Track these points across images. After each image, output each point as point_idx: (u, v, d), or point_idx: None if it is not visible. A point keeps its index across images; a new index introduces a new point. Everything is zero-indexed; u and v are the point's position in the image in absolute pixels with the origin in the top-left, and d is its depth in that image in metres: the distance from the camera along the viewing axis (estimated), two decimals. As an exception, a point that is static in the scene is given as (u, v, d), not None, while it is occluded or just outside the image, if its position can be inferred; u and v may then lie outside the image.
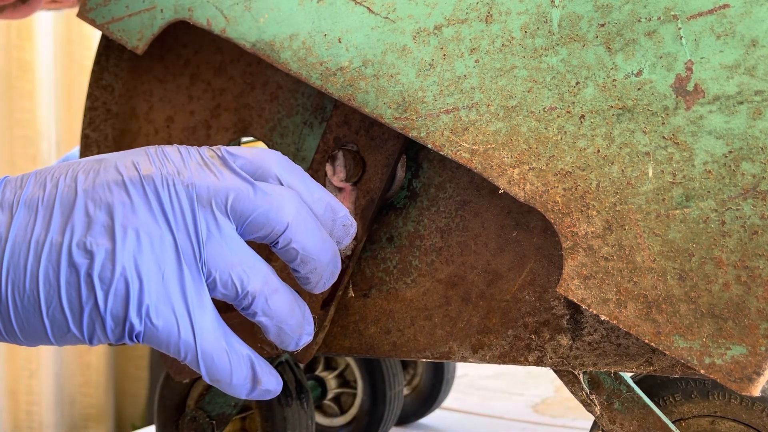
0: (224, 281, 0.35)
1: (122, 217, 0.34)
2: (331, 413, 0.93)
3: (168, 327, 0.34)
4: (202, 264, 0.35)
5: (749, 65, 0.37)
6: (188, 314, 0.34)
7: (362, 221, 0.53)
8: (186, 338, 0.34)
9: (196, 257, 0.35)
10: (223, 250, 0.35)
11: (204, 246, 0.35)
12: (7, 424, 1.31)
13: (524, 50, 0.42)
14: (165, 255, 0.34)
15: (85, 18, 0.57)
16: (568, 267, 0.41)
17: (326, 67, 0.47)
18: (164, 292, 0.34)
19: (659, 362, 0.45)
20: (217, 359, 0.35)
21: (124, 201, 0.34)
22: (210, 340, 0.35)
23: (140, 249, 0.34)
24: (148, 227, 0.34)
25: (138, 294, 0.33)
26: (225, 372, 0.36)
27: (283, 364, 0.70)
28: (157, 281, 0.34)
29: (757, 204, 0.37)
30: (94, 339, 0.35)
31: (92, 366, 1.38)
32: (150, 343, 0.35)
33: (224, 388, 0.37)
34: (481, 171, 0.43)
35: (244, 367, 0.37)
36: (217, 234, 0.35)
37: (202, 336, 0.35)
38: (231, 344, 0.36)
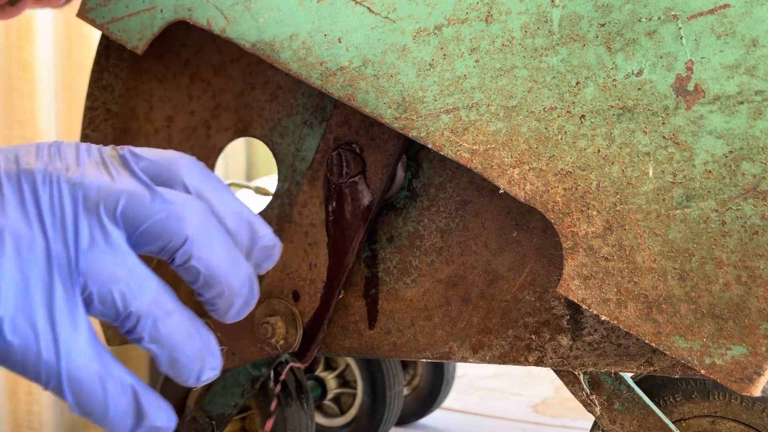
0: (103, 297, 0.31)
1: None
2: (331, 413, 0.93)
3: (25, 344, 0.29)
4: (79, 275, 0.30)
5: (750, 65, 0.37)
6: (52, 331, 0.29)
7: (362, 221, 0.53)
8: (47, 359, 0.29)
9: (72, 266, 0.30)
10: (106, 262, 0.31)
11: (83, 255, 0.30)
12: (7, 424, 1.31)
13: (524, 50, 0.42)
14: (32, 261, 0.30)
15: (85, 18, 0.57)
16: (569, 267, 0.41)
17: (326, 67, 0.47)
18: (24, 304, 0.29)
19: (659, 362, 0.45)
20: (87, 386, 0.30)
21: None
22: (79, 363, 0.30)
23: (2, 251, 0.29)
24: (16, 228, 0.30)
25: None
26: (98, 403, 0.30)
27: (283, 364, 0.70)
28: (16, 290, 0.29)
29: (757, 204, 0.37)
30: None
31: (92, 366, 1.38)
32: (3, 364, 0.30)
33: (99, 422, 0.31)
34: (482, 171, 0.43)
35: (124, 399, 0.31)
36: (102, 242, 0.31)
37: (69, 358, 0.30)
38: (108, 370, 0.31)
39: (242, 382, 0.65)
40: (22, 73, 1.30)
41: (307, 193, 0.55)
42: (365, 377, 0.89)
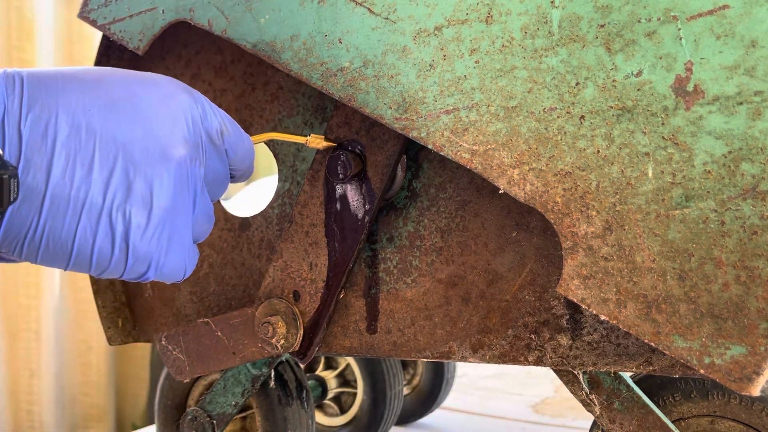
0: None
1: (158, 197, 0.39)
2: (332, 413, 0.93)
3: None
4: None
5: (749, 66, 0.37)
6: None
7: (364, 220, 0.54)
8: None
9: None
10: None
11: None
12: (8, 424, 1.31)
13: (524, 51, 0.42)
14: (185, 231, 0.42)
15: (86, 19, 0.57)
16: (568, 267, 0.42)
17: (327, 68, 0.47)
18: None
19: (659, 362, 0.45)
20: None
21: (162, 181, 0.39)
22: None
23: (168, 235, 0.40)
24: (185, 210, 0.41)
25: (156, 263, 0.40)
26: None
27: (284, 364, 0.70)
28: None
29: (756, 204, 0.37)
30: (105, 274, 0.40)
31: (93, 366, 1.38)
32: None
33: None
34: (481, 171, 0.43)
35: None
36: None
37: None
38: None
39: (243, 381, 0.65)
40: (22, 74, 1.31)
41: (307, 193, 0.55)
42: (365, 377, 0.89)
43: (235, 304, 0.63)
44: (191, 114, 0.41)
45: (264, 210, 0.61)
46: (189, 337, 0.60)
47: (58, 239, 0.37)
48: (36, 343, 1.31)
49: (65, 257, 0.38)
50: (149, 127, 0.39)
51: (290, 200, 0.60)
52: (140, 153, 0.39)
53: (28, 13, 1.30)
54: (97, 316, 1.28)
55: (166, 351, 0.62)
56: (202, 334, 0.60)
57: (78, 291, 1.35)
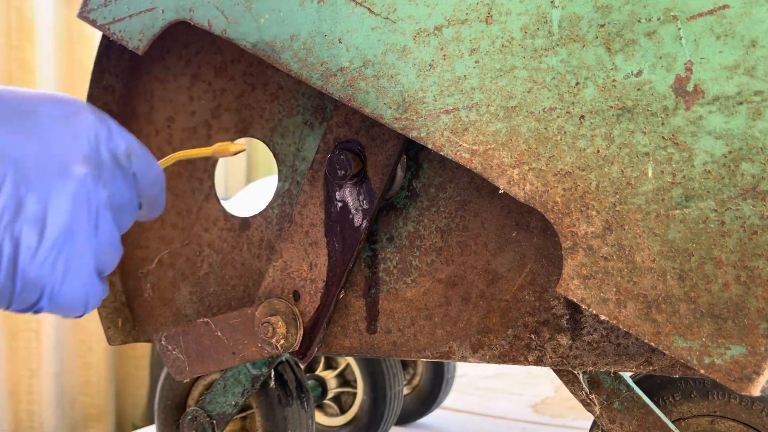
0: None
1: (54, 216, 0.36)
2: (332, 413, 0.93)
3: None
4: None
5: (749, 66, 0.37)
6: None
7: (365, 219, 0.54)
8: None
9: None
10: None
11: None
12: (8, 424, 1.31)
13: (524, 51, 0.42)
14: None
15: (86, 19, 0.57)
16: (568, 267, 0.42)
17: (327, 68, 0.47)
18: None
19: (659, 362, 0.45)
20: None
21: (58, 199, 0.36)
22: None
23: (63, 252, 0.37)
24: (84, 234, 0.38)
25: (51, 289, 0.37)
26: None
27: (284, 364, 0.70)
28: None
29: (756, 204, 0.37)
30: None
31: (93, 366, 1.38)
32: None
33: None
34: (481, 171, 0.43)
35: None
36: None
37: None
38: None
39: (243, 381, 0.65)
40: (22, 73, 1.31)
41: (307, 193, 0.55)
42: (365, 377, 0.89)
43: (235, 304, 0.63)
44: (95, 132, 0.39)
45: (264, 210, 0.61)
46: (189, 337, 0.60)
47: None
48: (36, 343, 1.31)
49: None
50: (46, 143, 0.37)
51: (290, 200, 0.60)
52: (34, 169, 0.36)
53: (28, 13, 1.30)
54: (97, 316, 1.28)
55: (166, 351, 0.62)
56: (202, 334, 0.60)
57: (78, 291, 1.34)
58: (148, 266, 0.67)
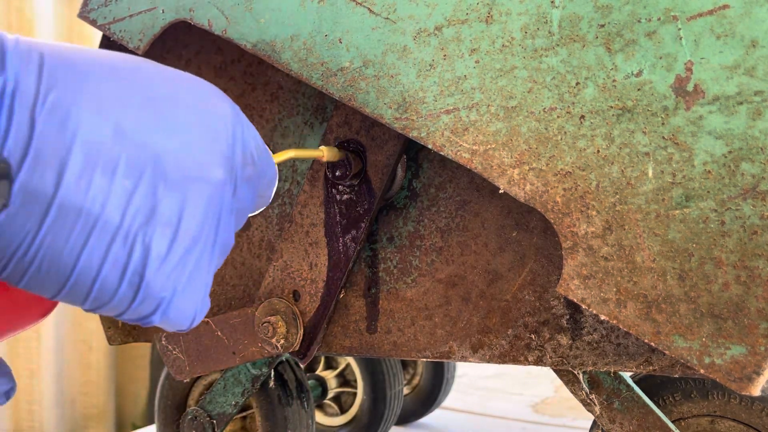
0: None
1: (187, 224, 0.32)
2: (332, 412, 0.93)
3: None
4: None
5: (749, 66, 0.37)
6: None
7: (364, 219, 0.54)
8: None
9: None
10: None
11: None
12: (8, 424, 1.31)
13: (524, 51, 0.42)
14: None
15: (86, 18, 0.57)
16: (568, 267, 0.42)
17: (327, 68, 0.47)
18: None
19: (659, 362, 0.45)
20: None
21: (194, 205, 0.33)
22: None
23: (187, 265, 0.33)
24: (208, 243, 0.34)
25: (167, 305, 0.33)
26: None
27: (284, 364, 0.70)
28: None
29: (756, 204, 0.37)
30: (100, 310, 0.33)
31: (93, 366, 1.38)
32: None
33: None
34: (482, 171, 0.43)
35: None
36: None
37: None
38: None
39: (243, 381, 0.65)
40: (22, 73, 1.31)
41: (307, 193, 0.55)
42: (365, 376, 0.89)
43: (235, 304, 0.63)
44: (232, 129, 0.35)
45: (264, 210, 0.61)
46: (189, 337, 0.60)
47: (57, 261, 0.30)
48: (36, 343, 1.31)
49: (58, 284, 0.30)
50: (188, 140, 0.33)
51: (290, 200, 0.60)
52: (174, 169, 0.32)
53: (28, 14, 1.30)
54: (96, 316, 1.28)
55: (166, 351, 0.62)
56: (202, 334, 0.60)
57: (78, 291, 1.35)
58: None
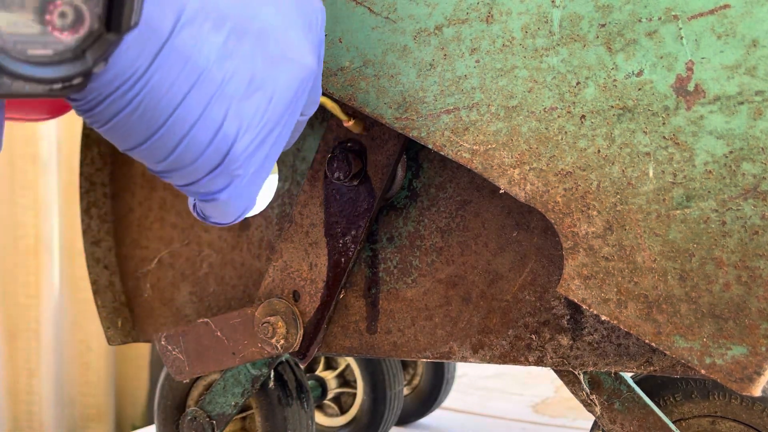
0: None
1: (276, 105, 0.32)
2: (332, 413, 0.93)
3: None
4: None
5: (750, 65, 0.37)
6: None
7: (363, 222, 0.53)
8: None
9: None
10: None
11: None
12: (7, 424, 1.31)
13: (525, 50, 0.42)
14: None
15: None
16: (569, 267, 0.41)
17: (327, 67, 0.47)
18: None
19: (660, 362, 0.45)
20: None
21: (286, 87, 0.33)
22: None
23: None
24: (282, 134, 0.34)
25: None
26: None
27: (284, 364, 0.70)
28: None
29: (757, 204, 0.37)
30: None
31: (92, 366, 1.38)
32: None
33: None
34: (482, 171, 0.43)
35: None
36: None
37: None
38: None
39: (242, 381, 0.65)
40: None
41: (307, 193, 0.55)
42: (365, 377, 0.89)
43: (235, 304, 0.63)
44: (322, 27, 0.34)
45: (264, 210, 0.61)
46: (189, 338, 0.60)
47: (156, 103, 0.28)
48: (35, 343, 1.31)
49: (150, 129, 0.29)
50: (290, 22, 0.32)
51: (290, 200, 0.60)
52: (274, 44, 0.31)
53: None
54: (96, 317, 1.28)
55: (166, 351, 0.62)
56: (202, 334, 0.60)
57: (78, 291, 1.35)
58: (147, 266, 0.67)
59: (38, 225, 1.24)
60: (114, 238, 0.69)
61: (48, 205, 1.24)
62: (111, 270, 0.69)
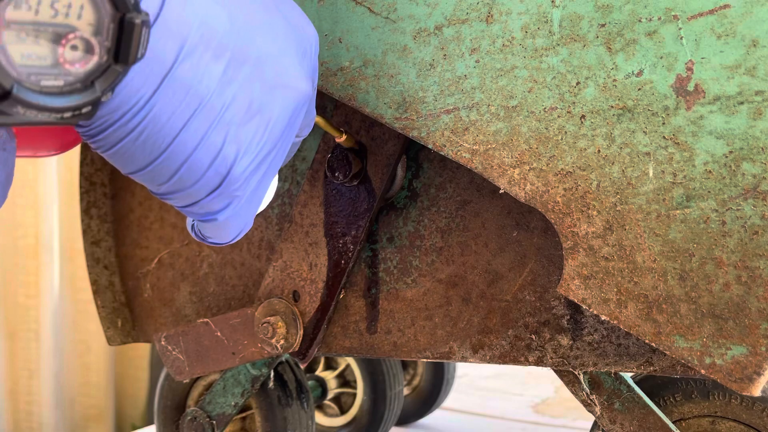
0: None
1: (273, 129, 0.33)
2: (332, 413, 0.93)
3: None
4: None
5: (750, 65, 0.37)
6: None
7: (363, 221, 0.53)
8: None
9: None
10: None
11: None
12: (7, 425, 1.31)
13: (525, 50, 0.42)
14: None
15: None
16: (569, 267, 0.41)
17: (327, 67, 0.47)
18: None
19: (660, 362, 0.45)
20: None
21: (282, 112, 0.34)
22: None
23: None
24: (278, 158, 0.36)
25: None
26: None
27: (284, 364, 0.70)
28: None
29: (757, 204, 0.37)
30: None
31: (92, 366, 1.38)
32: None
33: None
34: (482, 171, 0.43)
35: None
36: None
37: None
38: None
39: (242, 382, 0.65)
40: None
41: (307, 193, 0.55)
42: (365, 377, 0.89)
43: (235, 304, 0.63)
44: (315, 55, 0.36)
45: (264, 210, 0.61)
46: (188, 338, 0.60)
47: (158, 130, 0.29)
48: (35, 343, 1.30)
49: (152, 154, 0.30)
50: (285, 48, 0.33)
51: (290, 200, 0.60)
52: (271, 71, 0.32)
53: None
54: (96, 317, 1.28)
55: (166, 351, 0.62)
56: (202, 335, 0.60)
57: (77, 291, 1.35)
58: (147, 266, 0.67)
59: (38, 225, 1.24)
60: (114, 238, 0.69)
61: (48, 205, 1.24)
62: (111, 270, 0.69)
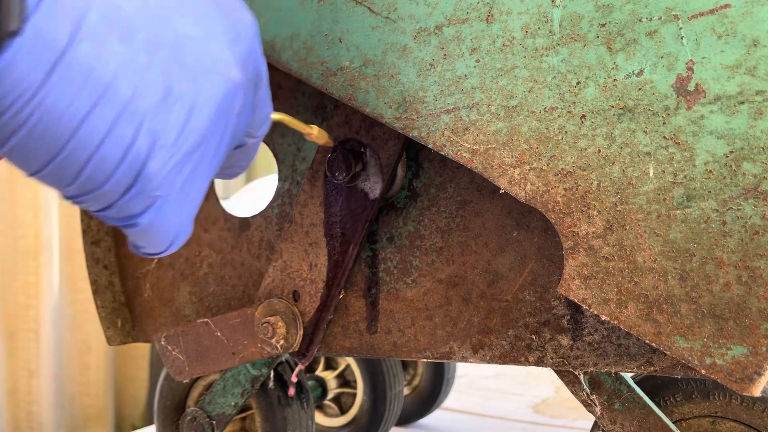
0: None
1: (197, 119, 0.30)
2: (332, 413, 0.93)
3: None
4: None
5: (750, 65, 0.37)
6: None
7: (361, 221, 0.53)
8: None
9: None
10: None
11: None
12: (7, 425, 1.31)
13: (525, 50, 0.42)
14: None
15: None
16: (569, 267, 0.41)
17: (327, 67, 0.47)
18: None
19: (660, 362, 0.45)
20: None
21: (207, 101, 0.31)
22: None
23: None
24: (208, 152, 0.32)
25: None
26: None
27: (284, 364, 0.70)
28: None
29: (758, 204, 0.37)
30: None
31: (92, 366, 1.38)
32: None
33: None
34: (482, 171, 0.43)
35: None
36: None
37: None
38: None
39: (242, 382, 0.65)
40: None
41: (307, 193, 0.55)
42: (365, 377, 0.89)
43: (235, 304, 0.63)
44: (252, 40, 0.33)
45: (264, 210, 0.61)
46: (188, 338, 0.60)
47: (56, 123, 0.26)
48: (35, 343, 1.30)
49: (51, 152, 0.27)
50: (211, 32, 0.30)
51: (290, 200, 0.59)
52: (193, 56, 0.29)
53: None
54: (96, 317, 1.28)
55: (166, 351, 0.62)
56: (202, 335, 0.60)
57: (77, 291, 1.35)
58: (147, 266, 0.67)
59: (38, 225, 1.24)
60: (114, 238, 0.69)
61: (48, 205, 1.24)
62: (111, 270, 0.69)
